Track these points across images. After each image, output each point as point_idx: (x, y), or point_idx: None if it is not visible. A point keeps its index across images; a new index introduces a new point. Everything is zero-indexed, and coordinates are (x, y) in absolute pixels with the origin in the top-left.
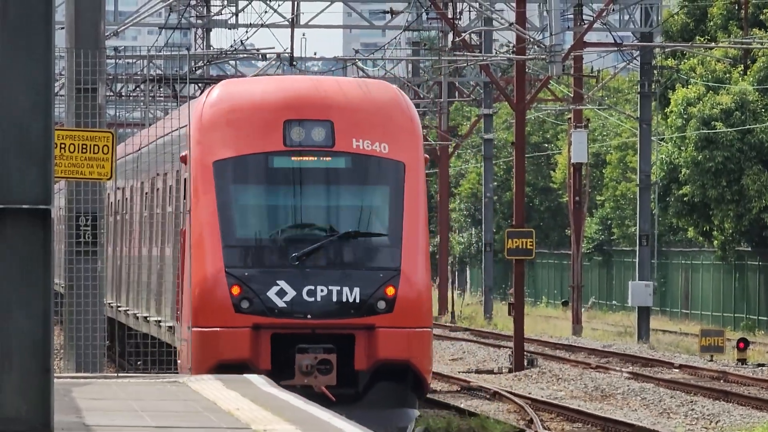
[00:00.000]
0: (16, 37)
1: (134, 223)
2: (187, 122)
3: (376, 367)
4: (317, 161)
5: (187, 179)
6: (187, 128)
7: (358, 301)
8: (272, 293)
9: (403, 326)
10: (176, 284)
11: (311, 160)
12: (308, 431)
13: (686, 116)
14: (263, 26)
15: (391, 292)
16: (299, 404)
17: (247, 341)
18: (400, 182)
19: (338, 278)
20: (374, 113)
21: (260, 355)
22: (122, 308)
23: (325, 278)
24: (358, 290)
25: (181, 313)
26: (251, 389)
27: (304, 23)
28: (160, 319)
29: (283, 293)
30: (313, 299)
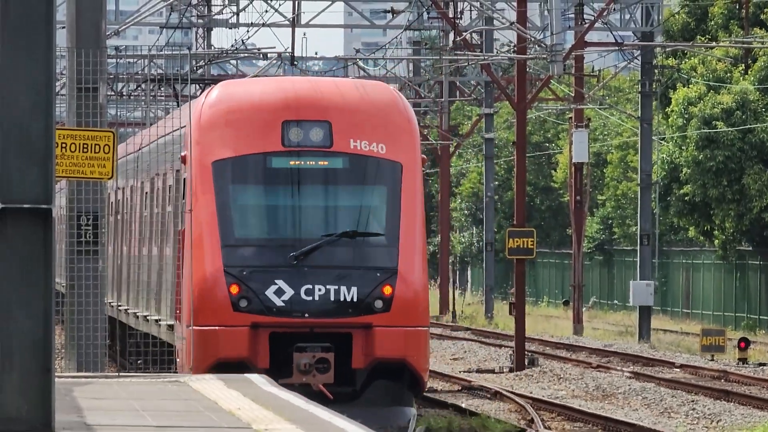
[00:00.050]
0: (16, 36)
1: (134, 222)
2: (186, 123)
3: (373, 365)
4: (315, 162)
5: (186, 179)
6: (186, 128)
7: (355, 300)
8: (270, 292)
9: (400, 325)
10: (175, 283)
11: (309, 160)
12: (309, 431)
13: (687, 116)
14: (264, 26)
15: (388, 291)
16: (300, 404)
17: (245, 340)
18: (397, 182)
19: (336, 278)
20: (372, 114)
21: (259, 353)
22: (122, 307)
23: (322, 278)
24: (355, 289)
25: (180, 312)
26: (252, 389)
27: (305, 23)
28: (159, 318)
29: (281, 292)
30: (311, 298)
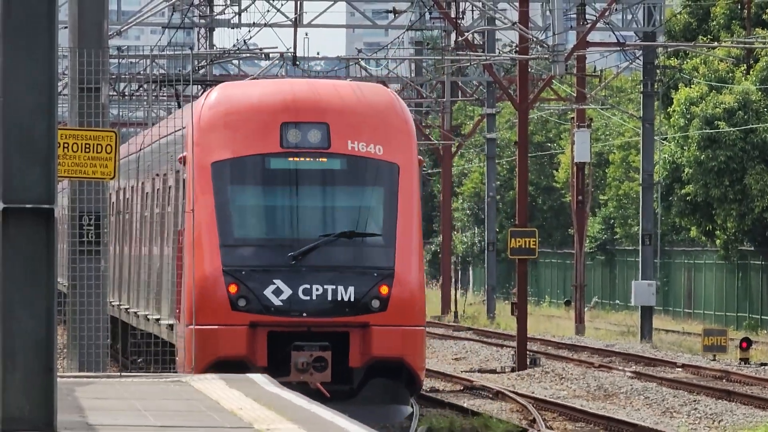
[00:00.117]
0: (19, 36)
1: (134, 222)
2: (186, 124)
3: (370, 364)
4: (313, 162)
5: (185, 180)
6: (185, 130)
7: (352, 299)
8: (269, 292)
9: (396, 324)
10: (175, 283)
11: (307, 161)
12: (311, 430)
13: (689, 116)
14: (266, 26)
15: (384, 291)
16: (302, 404)
17: (244, 339)
18: (394, 183)
19: (333, 277)
20: (369, 116)
21: (257, 352)
22: (123, 306)
23: (320, 277)
24: (352, 289)
25: (180, 311)
26: (254, 388)
27: (307, 23)
28: (159, 317)
29: (279, 292)
30: (308, 298)
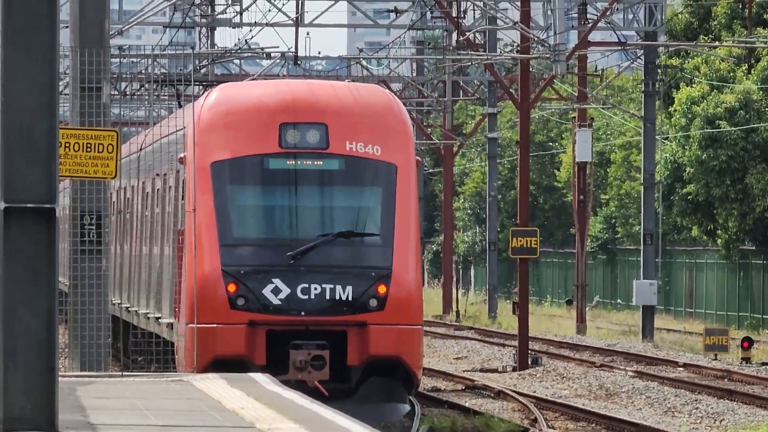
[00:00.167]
0: (20, 36)
1: (135, 221)
2: (186, 124)
3: (367, 362)
4: (312, 163)
5: (185, 180)
6: (185, 130)
7: (350, 298)
8: (267, 291)
9: (394, 323)
10: (175, 282)
11: (306, 161)
12: (313, 430)
13: (690, 115)
14: (267, 25)
15: (382, 290)
16: (304, 403)
17: (242, 337)
18: (392, 184)
19: (331, 277)
20: (367, 116)
21: (255, 350)
22: (124, 305)
23: (318, 277)
24: (350, 288)
25: (179, 310)
26: (256, 388)
27: (308, 22)
28: (159, 316)
29: (277, 291)
30: (306, 297)
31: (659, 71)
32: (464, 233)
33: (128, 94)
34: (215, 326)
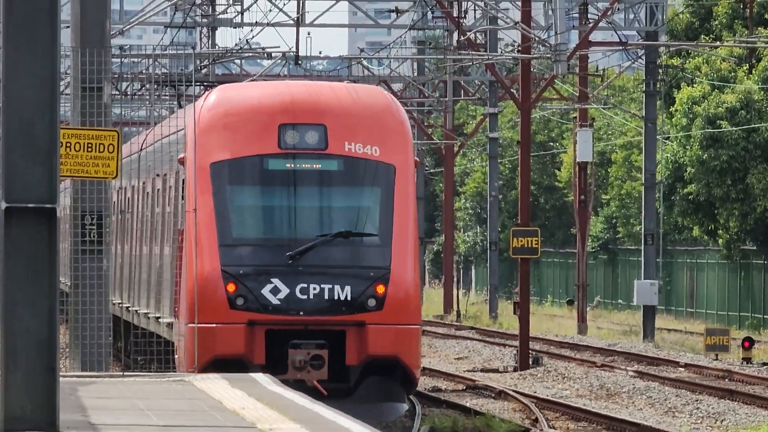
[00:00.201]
0: (21, 35)
1: (135, 221)
2: (185, 125)
3: (366, 362)
4: (311, 164)
5: (185, 180)
6: (185, 131)
7: (349, 298)
8: (266, 291)
9: (392, 323)
10: (174, 282)
11: (305, 162)
12: (314, 430)
13: (691, 115)
14: (268, 25)
15: (381, 290)
16: (305, 403)
17: (242, 337)
18: (390, 184)
19: (330, 276)
20: (366, 117)
21: (255, 350)
22: (124, 305)
23: (317, 276)
24: (349, 288)
25: (179, 309)
26: (257, 388)
27: (309, 22)
28: (159, 315)
29: (277, 291)
30: (305, 297)
31: (660, 71)
32: (465, 233)
33: (129, 94)
34: (215, 326)
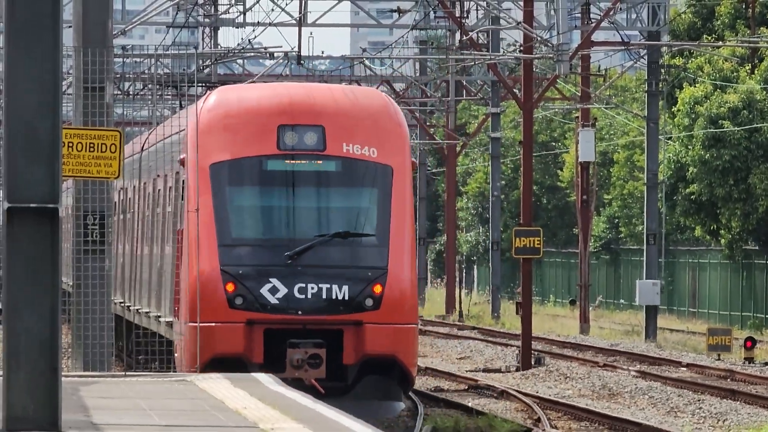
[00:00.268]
0: (23, 36)
1: (136, 222)
2: (185, 126)
3: (363, 361)
4: (309, 164)
5: (185, 181)
6: (185, 132)
7: (346, 298)
8: (265, 290)
9: (389, 322)
10: (174, 281)
11: (303, 163)
12: (316, 430)
13: (693, 115)
14: (271, 25)
15: (378, 289)
16: (307, 403)
17: (241, 336)
18: (388, 185)
19: (328, 276)
20: (364, 119)
21: (253, 349)
22: (126, 304)
23: (315, 276)
24: (346, 288)
25: (178, 309)
26: (259, 388)
27: (311, 22)
28: (159, 314)
29: (275, 290)
30: (304, 296)
31: (662, 71)
32: (467, 233)
33: (131, 94)
34: (214, 325)
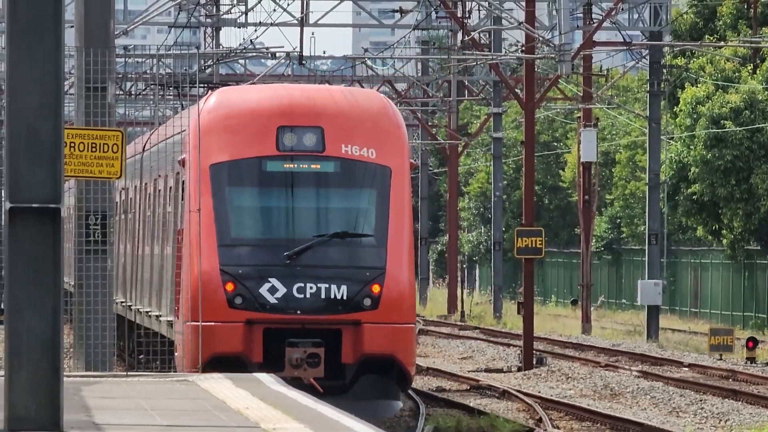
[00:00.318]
0: (25, 36)
1: (137, 222)
2: (186, 127)
3: (361, 360)
4: (308, 165)
5: (185, 181)
6: (185, 133)
7: (345, 298)
8: (264, 290)
9: (387, 322)
10: (174, 281)
11: (302, 164)
12: (317, 430)
13: (695, 115)
14: (272, 25)
15: (376, 289)
16: (308, 403)
17: (240, 335)
18: (386, 186)
19: (327, 276)
20: (362, 120)
21: (253, 348)
22: (127, 304)
23: (314, 276)
24: (345, 288)
25: (178, 308)
26: (260, 388)
27: (313, 22)
28: (159, 314)
29: (274, 290)
30: (302, 296)
31: (664, 71)
32: (469, 233)
33: (133, 94)
34: (213, 324)
